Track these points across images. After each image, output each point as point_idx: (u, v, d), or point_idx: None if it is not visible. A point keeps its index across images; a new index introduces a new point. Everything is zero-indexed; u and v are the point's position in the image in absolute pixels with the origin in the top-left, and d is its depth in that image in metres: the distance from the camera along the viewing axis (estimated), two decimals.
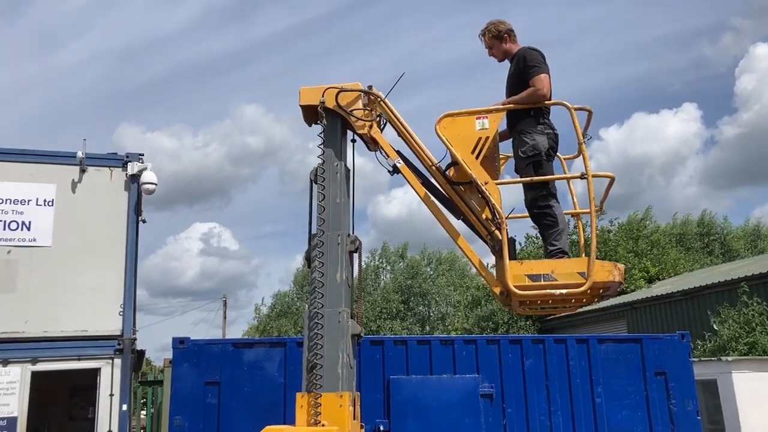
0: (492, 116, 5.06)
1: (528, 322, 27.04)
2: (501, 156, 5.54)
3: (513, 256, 4.89)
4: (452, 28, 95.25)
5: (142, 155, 10.21)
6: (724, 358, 11.68)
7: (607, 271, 4.71)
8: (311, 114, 5.52)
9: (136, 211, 10.02)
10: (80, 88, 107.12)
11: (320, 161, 5.31)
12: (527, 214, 5.33)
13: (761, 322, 15.24)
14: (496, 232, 4.97)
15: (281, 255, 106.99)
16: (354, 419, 4.89)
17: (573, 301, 5.06)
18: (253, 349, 8.28)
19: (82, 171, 9.86)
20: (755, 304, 15.40)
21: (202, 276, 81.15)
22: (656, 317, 20.38)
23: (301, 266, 48.82)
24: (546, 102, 5.13)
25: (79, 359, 9.31)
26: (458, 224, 5.30)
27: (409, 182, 5.34)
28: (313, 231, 5.20)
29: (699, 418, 8.93)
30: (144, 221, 10.19)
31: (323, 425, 4.66)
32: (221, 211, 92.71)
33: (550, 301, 5.05)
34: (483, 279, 5.25)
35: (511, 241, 4.98)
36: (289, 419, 7.90)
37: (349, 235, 5.19)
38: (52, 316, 9.27)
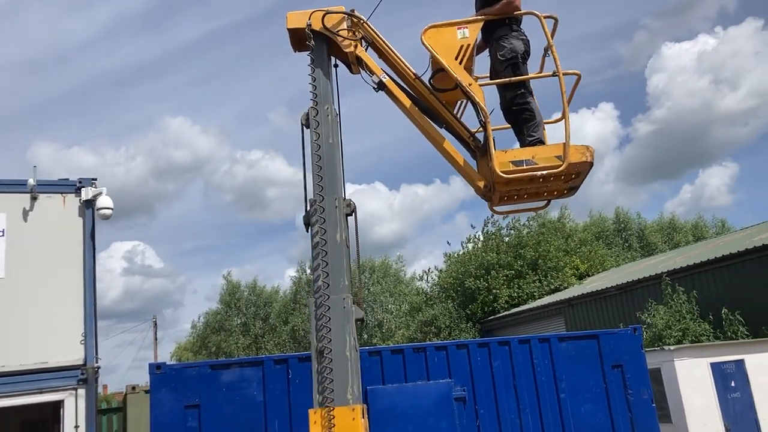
0: (471, 26, 5.65)
1: (469, 324, 27.70)
2: (475, 77, 6.07)
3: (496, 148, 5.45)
4: None
5: (95, 180, 10.07)
6: (666, 348, 12.45)
7: (580, 153, 5.33)
8: (298, 39, 5.88)
9: (92, 237, 9.85)
10: None
11: (311, 104, 5.58)
12: (504, 125, 5.90)
13: (690, 310, 16.30)
14: (481, 129, 5.58)
15: (207, 271, 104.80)
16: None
17: (545, 193, 5.81)
18: (231, 369, 8.29)
19: (33, 199, 9.61)
20: (681, 294, 16.46)
21: (126, 296, 78.53)
22: (592, 312, 21.36)
23: (225, 284, 48.33)
24: (518, 12, 5.76)
25: (41, 392, 9.06)
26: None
27: (394, 95, 5.77)
28: (308, 191, 5.53)
29: (654, 405, 9.55)
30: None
31: None
32: (145, 228, 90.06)
33: (525, 195, 5.78)
34: (463, 177, 5.73)
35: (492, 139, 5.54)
36: None
37: (344, 199, 5.46)
38: (10, 350, 8.97)
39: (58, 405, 9.20)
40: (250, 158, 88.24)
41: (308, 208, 5.46)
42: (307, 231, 5.44)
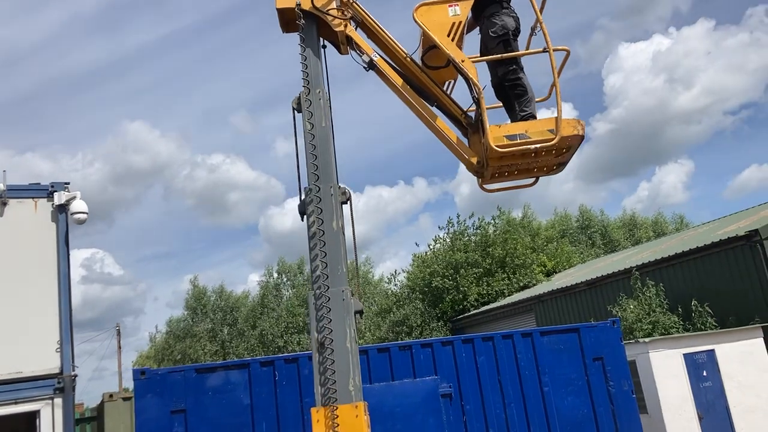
0: (462, 4, 5.68)
1: (440, 323, 27.81)
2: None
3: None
4: None
5: (68, 184, 9.84)
6: (641, 340, 12.69)
7: (572, 127, 5.41)
8: (286, 19, 5.83)
9: (66, 242, 9.62)
10: None
11: (303, 83, 5.48)
12: (496, 104, 5.95)
13: (659, 304, 16.65)
14: (474, 105, 5.59)
15: (168, 277, 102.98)
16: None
17: (535, 170, 5.85)
18: (216, 373, 8.19)
19: (3, 204, 9.35)
20: (650, 287, 16.80)
21: (85, 305, 76.65)
22: (563, 308, 21.65)
23: (192, 289, 47.72)
24: None
25: (16, 403, 8.79)
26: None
27: (386, 73, 5.74)
28: (301, 178, 5.45)
29: (634, 396, 9.71)
30: None
31: None
32: (104, 235, 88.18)
33: (516, 172, 5.83)
34: (455, 155, 5.73)
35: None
36: None
37: (340, 187, 5.40)
38: None
39: (33, 415, 8.96)
40: (211, 162, 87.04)
41: (302, 197, 5.39)
42: (302, 220, 5.38)
